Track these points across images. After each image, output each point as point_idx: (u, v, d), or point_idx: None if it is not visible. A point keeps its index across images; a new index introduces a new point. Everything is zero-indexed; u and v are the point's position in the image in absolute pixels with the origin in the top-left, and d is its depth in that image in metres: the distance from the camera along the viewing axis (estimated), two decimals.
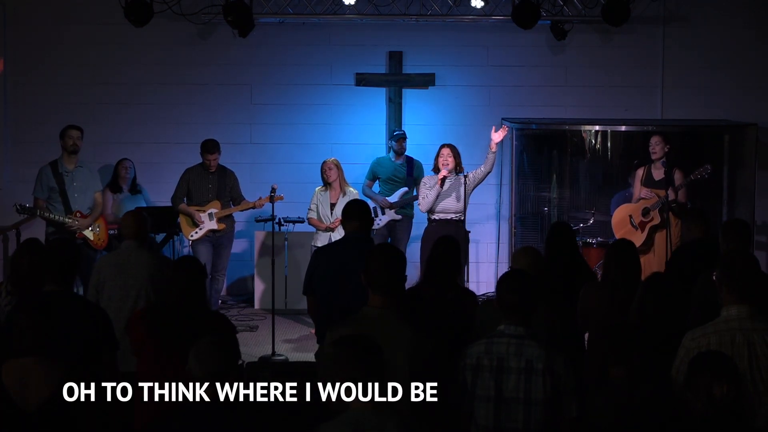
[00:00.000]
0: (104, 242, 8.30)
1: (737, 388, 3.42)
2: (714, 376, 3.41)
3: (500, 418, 3.95)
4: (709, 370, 3.44)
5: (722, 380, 3.40)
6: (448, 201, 8.18)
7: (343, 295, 5.16)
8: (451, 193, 8.18)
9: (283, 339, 8.28)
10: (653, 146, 8.54)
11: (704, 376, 3.43)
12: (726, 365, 3.48)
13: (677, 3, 10.04)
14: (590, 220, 9.23)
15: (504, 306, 4.05)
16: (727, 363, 3.51)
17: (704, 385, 3.41)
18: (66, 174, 8.19)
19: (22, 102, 10.01)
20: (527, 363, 3.94)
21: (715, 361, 3.51)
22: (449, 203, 8.18)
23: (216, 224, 8.59)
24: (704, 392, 3.40)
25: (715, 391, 3.39)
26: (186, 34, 9.87)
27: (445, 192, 8.17)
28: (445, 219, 8.18)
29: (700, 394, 3.41)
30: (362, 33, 10.02)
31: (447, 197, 8.18)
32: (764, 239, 9.88)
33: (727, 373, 3.43)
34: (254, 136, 10.10)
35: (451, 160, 8.16)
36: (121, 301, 5.79)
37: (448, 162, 8.15)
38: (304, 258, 8.34)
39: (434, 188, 8.12)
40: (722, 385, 3.39)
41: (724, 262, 4.21)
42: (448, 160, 8.16)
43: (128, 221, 6.06)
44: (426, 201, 8.21)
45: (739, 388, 3.44)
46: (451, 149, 8.22)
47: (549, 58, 10.09)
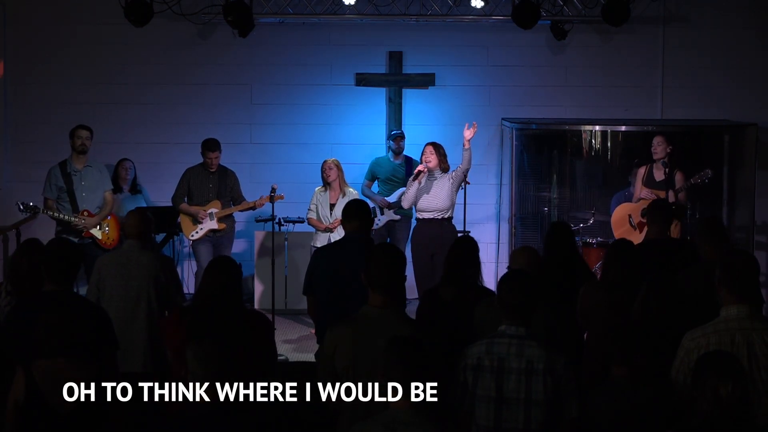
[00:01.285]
0: (114, 241, 8.26)
1: (743, 388, 3.43)
2: (719, 376, 3.41)
3: (501, 418, 3.96)
4: (715, 370, 3.44)
5: (728, 380, 3.40)
6: (429, 199, 8.15)
7: (343, 295, 5.16)
8: (433, 190, 8.15)
9: (283, 339, 8.28)
10: (655, 146, 8.54)
11: (710, 376, 3.44)
12: (732, 365, 3.49)
13: (677, 3, 10.04)
14: (590, 220, 9.23)
15: (505, 306, 4.05)
16: (733, 363, 3.52)
17: (710, 385, 3.42)
18: (74, 174, 8.19)
19: (23, 102, 10.01)
20: (528, 363, 3.94)
21: (721, 361, 3.52)
22: (430, 201, 8.14)
23: (216, 224, 8.59)
24: (710, 392, 3.41)
25: (721, 390, 3.40)
26: (186, 34, 9.88)
27: (427, 189, 8.16)
28: (429, 218, 8.16)
29: (706, 394, 3.42)
30: (362, 33, 10.02)
31: (428, 195, 8.16)
32: (764, 239, 9.88)
33: (732, 372, 3.44)
34: (254, 136, 10.10)
35: (433, 158, 8.16)
36: (122, 300, 5.80)
37: (430, 159, 8.16)
38: (304, 258, 8.34)
39: (413, 183, 8.14)
40: (727, 384, 3.40)
41: (724, 262, 4.21)
42: (430, 157, 8.17)
43: (132, 221, 6.06)
44: (405, 196, 8.25)
45: (745, 388, 3.45)
46: (434, 147, 8.22)
47: (549, 58, 10.09)
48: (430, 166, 8.14)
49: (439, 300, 5.29)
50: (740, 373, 3.47)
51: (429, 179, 8.17)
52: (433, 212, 8.15)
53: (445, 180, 8.15)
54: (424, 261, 8.07)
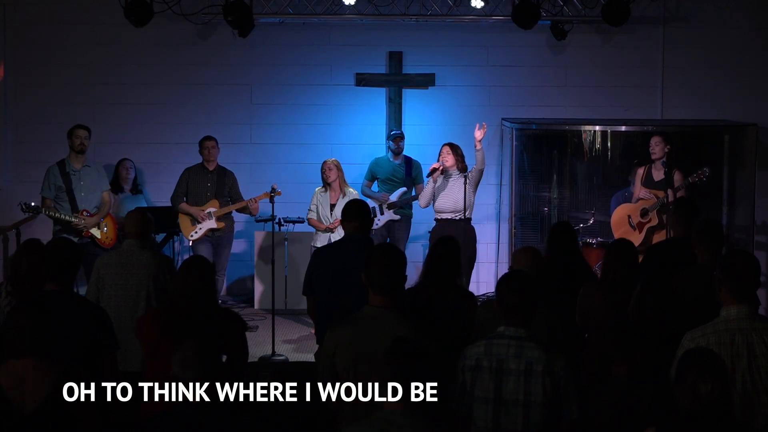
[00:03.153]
0: (112, 241, 8.29)
1: (723, 386, 3.38)
2: (700, 374, 3.38)
3: (499, 419, 3.95)
4: (696, 368, 3.41)
5: (707, 378, 3.36)
6: (446, 199, 8.22)
7: (343, 295, 5.16)
8: (450, 190, 8.21)
9: (283, 339, 8.27)
10: (653, 147, 8.53)
11: (690, 374, 3.40)
12: (712, 363, 3.44)
13: (677, 3, 10.04)
14: (590, 220, 9.23)
15: (504, 307, 4.04)
16: (714, 361, 3.47)
17: (690, 382, 3.39)
18: (73, 173, 8.20)
19: (23, 102, 10.01)
20: (527, 365, 3.93)
21: (702, 359, 3.47)
22: (447, 201, 8.22)
23: (216, 223, 8.60)
24: (690, 389, 3.39)
25: (701, 388, 3.37)
26: (186, 34, 9.87)
27: (443, 189, 8.21)
28: (446, 218, 8.23)
29: (686, 391, 3.40)
30: (362, 33, 10.02)
31: (445, 195, 8.22)
32: (764, 239, 9.88)
33: (712, 370, 3.39)
34: (254, 136, 10.10)
35: (450, 158, 8.24)
36: (121, 300, 5.81)
37: (447, 159, 8.24)
38: (304, 258, 8.33)
39: (429, 182, 8.18)
40: (707, 382, 3.36)
41: (724, 262, 4.20)
42: (447, 156, 8.26)
43: (132, 220, 6.07)
44: (423, 194, 8.37)
45: (726, 386, 3.41)
46: (450, 147, 8.32)
47: (549, 58, 10.09)
48: (446, 164, 8.20)
49: (418, 299, 5.27)
50: (721, 371, 3.43)
51: (446, 179, 8.22)
52: (451, 212, 8.21)
53: (461, 180, 8.20)
54: None
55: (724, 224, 9.38)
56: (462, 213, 8.21)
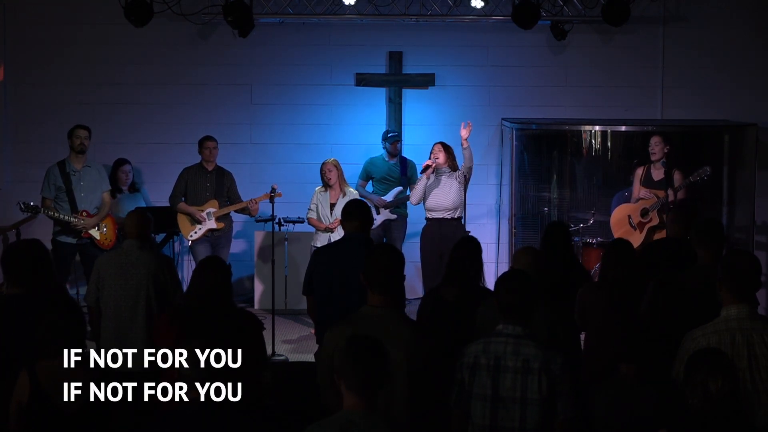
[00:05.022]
0: (111, 242, 8.28)
1: (733, 383, 3.43)
2: (709, 372, 3.42)
3: (496, 417, 3.96)
4: (705, 366, 3.45)
5: (717, 375, 3.41)
6: (438, 197, 8.23)
7: (343, 295, 5.17)
8: (442, 188, 8.22)
9: (283, 339, 8.28)
10: (653, 147, 8.54)
11: (700, 372, 3.44)
12: (721, 361, 3.50)
13: (677, 3, 10.03)
14: (590, 220, 9.23)
15: (503, 306, 4.06)
16: (723, 359, 3.53)
17: (700, 381, 3.42)
18: (73, 173, 8.19)
19: (23, 102, 10.01)
20: (524, 362, 3.95)
21: (711, 357, 3.52)
22: (439, 199, 8.23)
23: (215, 223, 8.60)
24: (700, 388, 3.42)
25: (711, 386, 3.40)
26: (186, 34, 9.87)
27: (435, 187, 8.23)
28: (438, 217, 8.22)
29: (697, 390, 3.42)
30: (362, 33, 10.02)
31: (436, 193, 8.23)
32: (764, 239, 9.88)
33: (721, 368, 3.44)
34: (254, 136, 10.10)
35: (442, 155, 8.27)
36: (121, 300, 5.81)
37: (438, 156, 8.26)
38: (304, 258, 8.34)
39: (422, 179, 8.18)
40: (717, 379, 3.40)
41: (725, 261, 4.21)
42: (438, 154, 8.29)
43: (132, 221, 6.06)
44: (414, 191, 8.37)
45: (736, 383, 3.46)
46: (442, 146, 8.35)
47: (549, 58, 10.09)
48: (438, 161, 8.21)
49: (441, 300, 5.29)
50: (730, 368, 3.47)
51: (438, 177, 8.23)
52: (443, 211, 8.22)
53: (453, 179, 8.23)
54: (433, 260, 8.09)
55: (724, 224, 9.38)
56: (453, 212, 8.23)
